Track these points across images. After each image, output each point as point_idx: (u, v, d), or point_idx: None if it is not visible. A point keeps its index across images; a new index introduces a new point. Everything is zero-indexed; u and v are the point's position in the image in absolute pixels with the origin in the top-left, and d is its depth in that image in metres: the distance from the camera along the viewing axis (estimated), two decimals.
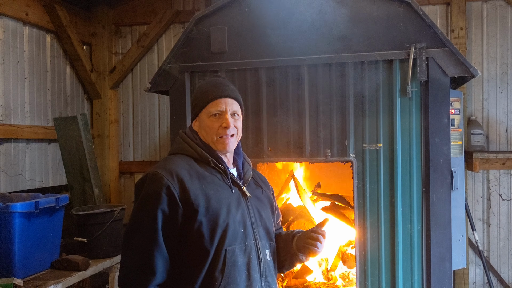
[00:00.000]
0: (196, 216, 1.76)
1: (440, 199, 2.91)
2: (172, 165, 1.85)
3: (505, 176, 4.47)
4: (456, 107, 3.12)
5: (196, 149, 1.93)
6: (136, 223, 1.79)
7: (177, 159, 1.90)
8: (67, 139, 3.92)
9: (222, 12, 3.19)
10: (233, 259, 1.80)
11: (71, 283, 2.97)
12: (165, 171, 1.81)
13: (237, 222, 1.85)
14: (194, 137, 1.97)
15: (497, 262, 4.48)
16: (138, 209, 1.80)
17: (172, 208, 1.76)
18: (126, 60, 5.03)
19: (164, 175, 1.78)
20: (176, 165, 1.86)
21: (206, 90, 1.99)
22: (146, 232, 1.75)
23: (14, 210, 2.78)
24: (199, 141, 1.95)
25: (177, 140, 2.00)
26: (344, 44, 3.01)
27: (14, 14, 3.93)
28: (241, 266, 1.82)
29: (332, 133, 3.07)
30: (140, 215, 1.79)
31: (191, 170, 1.86)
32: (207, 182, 1.85)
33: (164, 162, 1.90)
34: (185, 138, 1.98)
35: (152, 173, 1.81)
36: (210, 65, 3.20)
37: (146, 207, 1.77)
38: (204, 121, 1.96)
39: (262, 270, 1.90)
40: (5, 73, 3.88)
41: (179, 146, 1.97)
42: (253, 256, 1.88)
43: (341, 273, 3.58)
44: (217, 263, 1.77)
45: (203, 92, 1.99)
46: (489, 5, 4.49)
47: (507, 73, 4.46)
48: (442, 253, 2.91)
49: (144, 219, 1.76)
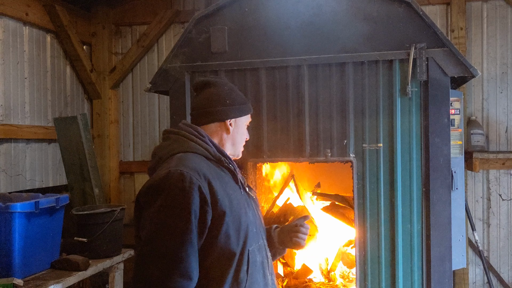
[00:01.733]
0: (224, 217, 1.69)
1: (440, 199, 2.91)
2: (194, 163, 1.72)
3: (505, 176, 4.47)
4: (456, 107, 3.12)
5: (207, 148, 1.83)
6: (166, 226, 1.59)
7: (194, 158, 1.76)
8: (67, 139, 3.92)
9: (222, 12, 3.19)
10: (254, 259, 1.79)
11: (71, 283, 2.97)
12: (190, 169, 1.67)
13: (252, 223, 1.84)
14: (200, 135, 1.86)
15: (497, 262, 4.48)
16: (165, 212, 1.61)
17: (202, 209, 1.64)
18: (126, 60, 5.03)
19: (192, 174, 1.65)
20: (197, 163, 1.73)
21: (245, 98, 2.02)
22: (180, 236, 1.59)
23: (14, 210, 2.78)
24: (208, 141, 1.87)
25: (180, 140, 1.85)
26: (344, 44, 3.01)
27: (14, 14, 3.93)
28: (259, 265, 1.84)
29: (332, 133, 3.07)
30: (169, 218, 1.60)
31: (210, 169, 1.77)
32: (225, 182, 1.79)
33: (182, 160, 1.73)
34: (190, 137, 1.85)
35: (178, 172, 1.64)
36: (210, 65, 3.20)
37: (176, 209, 1.60)
38: (241, 128, 1.98)
39: (270, 269, 1.94)
40: (5, 73, 3.89)
41: (187, 145, 1.82)
42: (265, 255, 1.91)
43: (341, 273, 3.58)
44: (243, 264, 1.74)
45: (243, 99, 2.00)
46: (489, 5, 4.49)
47: (507, 73, 4.46)
48: (442, 253, 2.91)
49: (176, 221, 1.60)
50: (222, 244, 1.69)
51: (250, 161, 3.18)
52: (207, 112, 1.92)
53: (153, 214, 1.62)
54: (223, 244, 1.69)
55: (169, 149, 1.83)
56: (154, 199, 1.63)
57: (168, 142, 1.87)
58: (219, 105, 1.92)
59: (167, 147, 1.84)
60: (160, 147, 1.89)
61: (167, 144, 1.86)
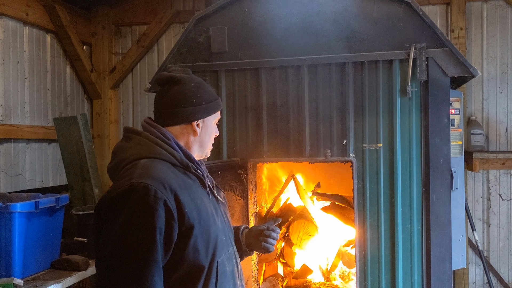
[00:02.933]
0: (192, 230, 1.57)
1: (440, 199, 2.91)
2: (159, 173, 1.57)
3: (505, 176, 4.47)
4: (456, 107, 3.12)
5: (173, 154, 1.67)
6: (129, 245, 1.47)
7: (159, 166, 1.61)
8: (67, 139, 3.92)
9: (222, 12, 3.19)
10: (223, 270, 1.70)
11: (71, 283, 2.97)
12: (154, 181, 1.52)
13: (220, 231, 1.73)
14: (166, 138, 1.70)
15: (497, 262, 4.48)
16: (128, 230, 1.47)
17: (168, 225, 1.51)
18: (126, 60, 5.03)
19: (156, 186, 1.51)
20: (163, 173, 1.58)
21: (214, 95, 1.84)
22: (144, 255, 1.46)
23: (14, 210, 2.78)
24: (174, 145, 1.70)
25: (144, 143, 1.68)
26: (344, 44, 3.01)
27: (14, 14, 3.93)
28: (229, 275, 1.74)
29: (332, 133, 3.07)
30: (132, 236, 1.47)
31: (177, 178, 1.62)
32: (192, 191, 1.66)
33: (146, 169, 1.57)
34: (155, 140, 1.68)
35: (141, 185, 1.50)
36: (210, 65, 3.20)
37: (140, 226, 1.48)
38: (209, 127, 1.82)
39: (240, 275, 1.86)
40: (5, 73, 3.88)
41: (152, 150, 1.66)
42: (234, 263, 1.82)
43: (341, 273, 3.58)
44: (211, 277, 1.64)
45: (211, 96, 1.82)
46: (489, 5, 4.49)
47: (507, 73, 4.46)
48: (442, 253, 2.91)
49: (140, 240, 1.47)
50: (190, 258, 1.58)
51: (250, 161, 3.18)
52: (171, 113, 1.75)
53: (115, 232, 1.49)
54: (191, 258, 1.58)
55: (131, 152, 1.66)
56: (116, 214, 1.50)
57: (130, 143, 1.70)
58: (185, 105, 1.74)
59: (129, 150, 1.68)
60: (121, 147, 1.72)
61: (128, 145, 1.70)
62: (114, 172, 1.69)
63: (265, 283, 3.38)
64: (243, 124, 3.22)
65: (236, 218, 3.16)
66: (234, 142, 3.23)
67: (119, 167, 1.66)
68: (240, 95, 3.20)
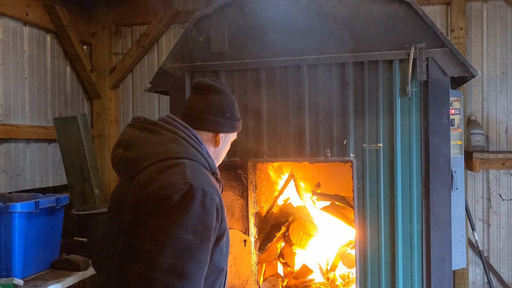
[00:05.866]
0: (224, 234, 1.63)
1: (440, 199, 2.91)
2: (206, 177, 1.61)
3: (505, 176, 4.47)
4: (456, 107, 3.12)
5: (207, 159, 1.72)
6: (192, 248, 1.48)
7: (203, 170, 1.65)
8: (67, 139, 3.92)
9: (222, 12, 3.19)
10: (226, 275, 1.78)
11: (71, 283, 2.97)
12: (208, 185, 1.56)
13: None
14: (199, 142, 1.73)
15: (497, 262, 4.48)
16: (191, 233, 1.48)
17: (216, 228, 1.58)
18: (126, 60, 5.03)
19: (211, 190, 1.55)
20: (208, 177, 1.63)
21: (239, 115, 1.94)
22: (202, 258, 1.50)
23: (14, 210, 2.79)
24: (206, 150, 1.75)
25: (178, 141, 1.65)
26: (344, 44, 3.01)
27: (14, 14, 3.93)
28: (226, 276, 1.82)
29: (332, 133, 3.07)
30: (197, 238, 1.48)
31: (214, 183, 1.67)
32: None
33: (196, 172, 1.59)
34: (191, 142, 1.69)
35: (200, 187, 1.52)
36: (210, 65, 3.20)
37: (201, 230, 1.50)
38: (227, 144, 1.92)
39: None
40: (5, 73, 3.89)
41: (189, 151, 1.66)
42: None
43: (341, 273, 3.58)
44: (225, 279, 1.72)
45: (239, 115, 1.92)
46: (489, 5, 4.49)
47: (507, 73, 4.46)
48: (442, 253, 2.91)
49: (202, 240, 1.50)
50: (216, 260, 1.61)
51: (250, 161, 3.18)
52: (203, 118, 1.80)
53: (175, 233, 1.46)
54: (216, 260, 1.62)
55: (165, 149, 1.62)
56: (175, 214, 1.47)
57: (160, 138, 1.65)
58: (218, 115, 1.82)
59: (162, 146, 1.63)
60: (145, 139, 1.66)
61: (159, 140, 1.64)
62: (137, 163, 1.62)
63: (265, 283, 3.38)
64: (243, 124, 3.20)
65: (236, 218, 3.16)
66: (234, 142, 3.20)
67: (149, 161, 1.60)
68: (240, 95, 3.20)
